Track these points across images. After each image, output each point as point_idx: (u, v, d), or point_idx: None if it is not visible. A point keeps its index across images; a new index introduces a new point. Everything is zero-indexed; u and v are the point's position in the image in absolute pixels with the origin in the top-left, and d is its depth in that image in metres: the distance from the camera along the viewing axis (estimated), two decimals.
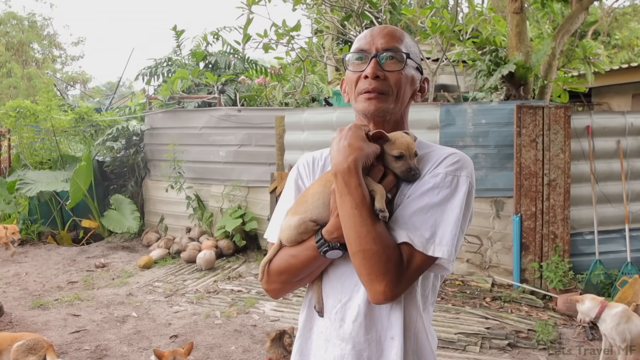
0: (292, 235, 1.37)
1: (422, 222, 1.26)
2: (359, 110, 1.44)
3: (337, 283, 1.40)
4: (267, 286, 1.46)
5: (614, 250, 6.00)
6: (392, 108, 1.42)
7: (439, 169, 1.34)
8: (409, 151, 1.32)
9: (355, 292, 1.37)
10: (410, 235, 1.24)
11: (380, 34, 1.43)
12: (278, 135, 7.32)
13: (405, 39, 1.45)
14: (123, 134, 8.92)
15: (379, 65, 1.40)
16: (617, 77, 9.95)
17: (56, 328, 5.06)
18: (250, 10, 8.02)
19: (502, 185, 6.12)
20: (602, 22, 20.58)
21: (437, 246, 1.25)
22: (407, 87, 1.44)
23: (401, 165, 1.32)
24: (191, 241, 7.81)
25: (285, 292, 1.48)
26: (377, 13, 7.87)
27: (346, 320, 1.37)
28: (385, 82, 1.40)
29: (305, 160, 1.60)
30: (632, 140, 6.13)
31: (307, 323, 1.50)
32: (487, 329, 4.89)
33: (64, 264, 7.47)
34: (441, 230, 1.26)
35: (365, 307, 1.35)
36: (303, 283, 1.46)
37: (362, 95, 1.41)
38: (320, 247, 1.31)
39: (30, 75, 24.19)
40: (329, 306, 1.41)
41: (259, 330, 5.01)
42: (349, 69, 1.47)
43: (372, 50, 1.41)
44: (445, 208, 1.29)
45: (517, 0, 6.95)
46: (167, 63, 10.23)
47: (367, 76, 1.39)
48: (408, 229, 1.25)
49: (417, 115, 6.29)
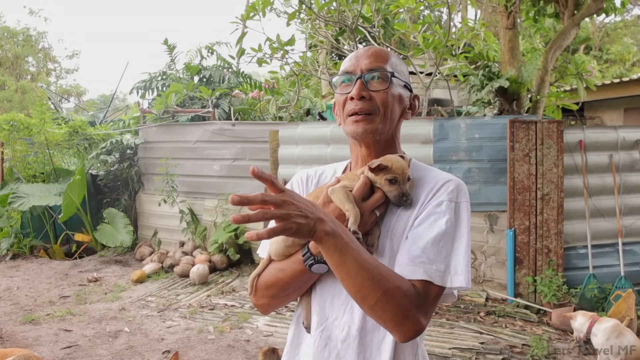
0: (280, 249, 1.36)
1: (435, 254, 1.27)
2: (348, 132, 1.44)
3: (325, 300, 1.39)
4: (256, 301, 1.44)
5: (607, 265, 6.01)
6: (381, 128, 1.42)
7: (442, 197, 1.34)
8: (403, 176, 1.33)
9: (343, 311, 1.36)
10: (427, 270, 1.25)
11: (364, 55, 1.45)
12: (272, 149, 7.32)
13: (391, 59, 1.46)
14: (117, 147, 8.91)
15: (364, 86, 1.41)
16: (609, 92, 10.03)
17: (47, 343, 5.00)
18: (245, 25, 8.07)
19: (496, 200, 6.14)
20: (594, 37, 20.79)
21: (453, 277, 1.26)
22: (395, 105, 1.44)
23: (394, 190, 1.33)
24: (184, 255, 7.78)
25: (274, 307, 1.46)
26: (370, 28, 7.92)
27: (333, 339, 1.36)
28: (372, 102, 1.40)
29: (300, 177, 1.62)
30: (625, 155, 6.17)
31: (295, 340, 1.48)
32: (481, 344, 4.87)
33: (56, 278, 7.41)
34: (454, 260, 1.28)
35: (357, 330, 1.34)
36: (291, 298, 1.44)
37: (350, 118, 1.42)
38: (306, 260, 1.30)
39: (24, 88, 24.14)
40: (316, 323, 1.40)
41: (252, 345, 4.97)
42: (336, 92, 1.48)
43: (357, 72, 1.42)
44: (455, 237, 1.31)
45: (510, 16, 7.02)
46: (162, 77, 10.24)
47: (352, 97, 1.41)
48: (424, 263, 1.25)
49: (411, 130, 6.32)
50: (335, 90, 1.49)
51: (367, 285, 1.18)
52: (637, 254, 6.13)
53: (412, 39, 7.98)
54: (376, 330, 1.34)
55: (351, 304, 1.35)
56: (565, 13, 7.27)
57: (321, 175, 1.60)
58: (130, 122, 10.03)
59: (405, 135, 6.37)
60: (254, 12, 7.58)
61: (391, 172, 1.32)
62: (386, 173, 1.32)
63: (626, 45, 21.31)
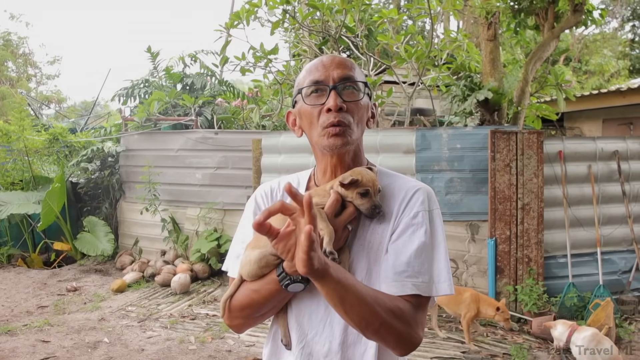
0: (252, 270, 1.32)
1: (419, 266, 1.28)
2: (324, 146, 1.38)
3: (303, 317, 1.38)
4: (230, 322, 1.42)
5: (586, 273, 6.08)
6: (355, 139, 1.39)
7: (415, 207, 1.34)
8: (374, 188, 1.32)
9: (323, 326, 1.35)
10: (415, 284, 1.26)
11: (332, 63, 1.39)
12: (255, 158, 7.31)
13: (355, 67, 1.43)
14: (98, 155, 8.81)
15: (340, 97, 1.36)
16: (588, 103, 10.18)
17: (24, 355, 4.92)
18: (229, 33, 8.06)
19: (477, 209, 6.18)
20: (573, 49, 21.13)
21: (437, 285, 1.29)
22: (364, 115, 1.43)
23: (366, 203, 1.31)
24: (166, 264, 7.71)
25: (248, 326, 1.44)
26: (354, 38, 7.97)
27: (315, 355, 1.35)
28: (347, 113, 1.36)
29: (263, 191, 1.55)
30: (603, 165, 6.26)
31: (273, 357, 1.46)
32: (463, 353, 4.89)
33: (34, 288, 7.29)
34: (436, 269, 1.31)
35: (339, 345, 1.33)
36: (267, 317, 1.42)
37: (327, 130, 1.35)
38: (281, 280, 1.27)
39: (4, 94, 23.81)
40: (295, 340, 1.38)
41: (234, 355, 4.93)
42: (306, 103, 1.40)
43: (329, 82, 1.36)
44: (434, 246, 1.33)
45: (491, 28, 7.11)
46: (144, 84, 10.19)
47: (329, 109, 1.35)
48: (410, 277, 1.27)
49: (393, 139, 6.35)
50: (303, 101, 1.41)
51: (370, 313, 1.18)
52: (615, 263, 6.21)
53: (395, 49, 8.03)
54: (357, 343, 1.33)
55: (330, 318, 1.34)
56: (545, 25, 7.39)
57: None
58: (112, 129, 9.95)
59: (388, 145, 6.41)
60: (238, 21, 7.58)
61: (362, 185, 1.30)
62: (357, 187, 1.30)
63: (605, 57, 21.70)
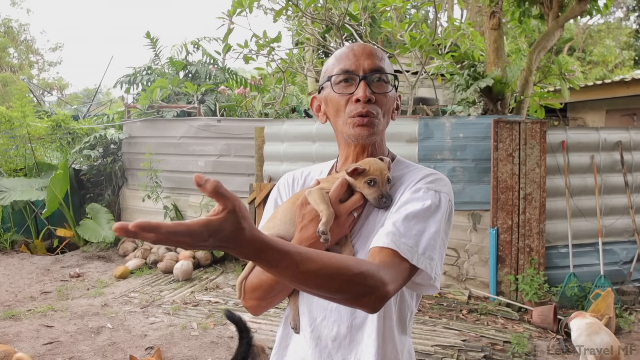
0: None
1: (406, 229, 1.22)
2: (349, 135, 1.38)
3: (312, 300, 1.39)
4: (245, 303, 1.44)
5: (587, 264, 6.10)
6: (381, 130, 1.40)
7: (419, 185, 1.32)
8: (382, 177, 1.31)
9: (330, 310, 1.36)
10: (395, 240, 1.19)
11: (363, 53, 1.38)
12: (257, 146, 7.31)
13: (385, 58, 1.42)
14: (101, 142, 8.82)
15: (369, 88, 1.35)
16: (592, 93, 10.15)
17: (28, 339, 4.96)
18: (231, 21, 8.03)
19: (479, 199, 6.19)
20: (577, 39, 21.01)
21: (419, 256, 1.20)
22: (391, 107, 1.43)
23: (373, 192, 1.31)
24: (168, 251, 7.74)
25: (262, 308, 1.44)
26: (357, 26, 7.94)
27: (323, 339, 1.36)
28: (376, 104, 1.36)
29: (286, 180, 1.60)
30: (605, 156, 6.26)
31: (283, 341, 1.48)
32: (463, 342, 4.92)
33: (37, 274, 7.33)
34: (423, 241, 1.22)
35: (347, 328, 1.34)
36: (279, 299, 1.43)
37: (354, 119, 1.36)
38: None
39: (6, 80, 23.81)
40: (304, 324, 1.40)
41: (236, 342, 4.96)
42: (334, 91, 1.39)
43: (360, 72, 1.36)
44: (429, 219, 1.25)
45: (495, 17, 7.08)
46: (147, 72, 10.17)
47: (358, 99, 1.34)
48: (393, 234, 1.21)
49: (396, 128, 6.35)
50: (333, 89, 1.40)
51: (327, 281, 1.07)
52: (616, 254, 6.23)
53: (398, 38, 8.00)
54: (365, 325, 1.34)
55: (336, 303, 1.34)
56: (549, 14, 7.35)
57: (307, 176, 1.57)
58: (115, 116, 9.95)
59: (391, 134, 6.40)
60: (241, 8, 7.55)
61: (369, 174, 1.31)
62: (365, 176, 1.31)
63: (609, 47, 21.58)
